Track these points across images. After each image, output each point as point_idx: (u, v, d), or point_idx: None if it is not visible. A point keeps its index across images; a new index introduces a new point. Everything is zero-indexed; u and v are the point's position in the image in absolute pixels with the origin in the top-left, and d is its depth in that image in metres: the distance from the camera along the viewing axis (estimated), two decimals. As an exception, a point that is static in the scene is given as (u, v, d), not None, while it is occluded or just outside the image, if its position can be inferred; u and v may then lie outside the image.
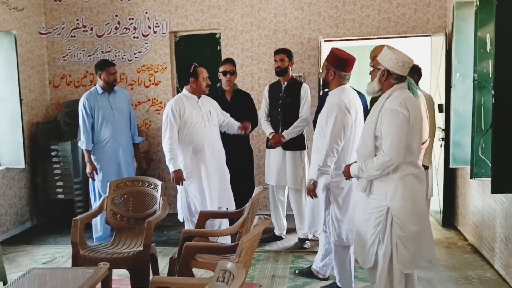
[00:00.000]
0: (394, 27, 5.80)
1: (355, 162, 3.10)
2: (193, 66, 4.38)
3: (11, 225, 5.66)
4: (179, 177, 4.31)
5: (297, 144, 4.90)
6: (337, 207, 3.66)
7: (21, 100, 5.32)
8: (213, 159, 4.37)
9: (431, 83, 5.67)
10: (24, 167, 5.47)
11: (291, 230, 5.19)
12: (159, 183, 4.12)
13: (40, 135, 5.90)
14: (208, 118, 4.38)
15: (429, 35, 5.70)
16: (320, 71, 3.97)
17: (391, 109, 2.81)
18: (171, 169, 4.32)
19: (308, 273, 4.15)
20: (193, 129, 4.32)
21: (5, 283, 3.51)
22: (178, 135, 4.35)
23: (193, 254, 3.14)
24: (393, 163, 2.81)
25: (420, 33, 5.78)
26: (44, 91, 6.34)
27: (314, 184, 3.67)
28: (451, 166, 4.67)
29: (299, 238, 5.01)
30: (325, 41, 5.83)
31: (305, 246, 4.90)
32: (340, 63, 3.57)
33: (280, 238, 5.15)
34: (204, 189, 4.36)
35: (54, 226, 5.79)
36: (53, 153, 5.78)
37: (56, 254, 4.93)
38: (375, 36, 5.84)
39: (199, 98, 4.40)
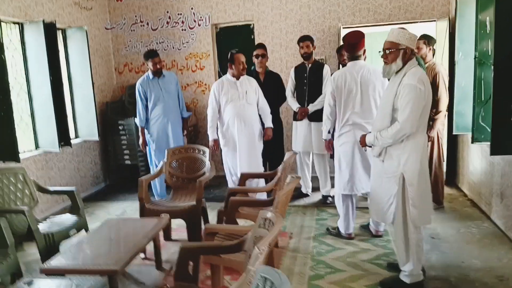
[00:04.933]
0: (404, 14, 5.59)
1: (370, 132, 3.02)
2: (230, 53, 4.37)
3: (89, 185, 5.84)
4: (214, 145, 4.39)
5: (321, 116, 4.83)
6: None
7: (93, 84, 5.42)
8: (245, 131, 4.36)
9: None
10: (97, 139, 5.60)
11: (315, 189, 5.20)
12: (206, 149, 4.18)
13: (109, 112, 6.00)
14: (244, 97, 4.37)
15: (434, 21, 5.48)
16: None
17: (410, 85, 2.68)
18: (209, 137, 4.40)
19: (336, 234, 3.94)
20: (229, 106, 4.34)
21: (86, 230, 3.65)
22: (219, 110, 4.40)
23: (237, 207, 3.19)
24: (406, 132, 2.72)
25: (426, 19, 5.56)
26: (111, 77, 6.42)
27: (325, 141, 3.77)
28: (454, 133, 4.54)
29: (322, 195, 5.02)
30: (343, 28, 5.70)
31: (328, 202, 4.91)
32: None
33: (306, 195, 5.17)
34: (236, 155, 4.38)
35: (123, 186, 5.94)
36: (120, 127, 5.89)
37: (126, 208, 5.07)
38: (387, 23, 5.65)
39: (237, 79, 4.39)
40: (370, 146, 2.99)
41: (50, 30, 4.71)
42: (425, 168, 2.84)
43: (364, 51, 3.63)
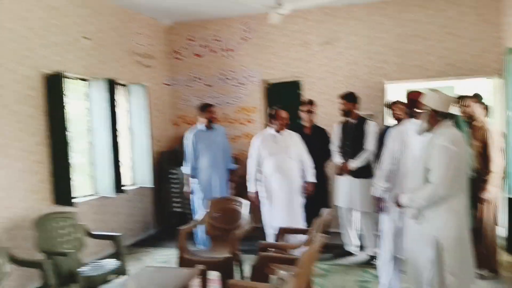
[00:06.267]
0: (454, 70, 5.43)
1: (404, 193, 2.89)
2: (272, 109, 4.48)
3: (140, 231, 6.02)
4: (252, 197, 4.40)
5: (365, 172, 4.71)
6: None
7: (150, 135, 5.76)
8: (284, 185, 4.35)
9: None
10: (151, 186, 5.85)
11: (362, 247, 4.92)
12: (244, 202, 4.19)
13: (164, 161, 6.24)
14: (285, 151, 4.39)
15: (487, 77, 5.26)
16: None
17: (442, 146, 2.59)
18: (249, 189, 4.43)
19: None
20: (270, 159, 4.37)
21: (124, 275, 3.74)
22: (259, 163, 4.45)
23: (266, 262, 3.12)
24: (440, 195, 2.58)
25: (478, 75, 5.35)
26: (168, 128, 6.73)
27: (374, 198, 3.56)
28: (507, 196, 4.19)
29: (368, 255, 4.78)
30: (389, 84, 5.64)
31: (373, 262, 4.65)
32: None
33: (351, 253, 4.94)
34: (274, 209, 4.35)
35: (171, 233, 6.00)
36: (172, 176, 6.11)
37: (170, 256, 5.10)
38: (437, 79, 5.51)
39: (279, 133, 4.44)
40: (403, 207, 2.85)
41: (112, 86, 5.13)
42: (464, 233, 2.64)
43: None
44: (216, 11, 6.07)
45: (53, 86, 4.36)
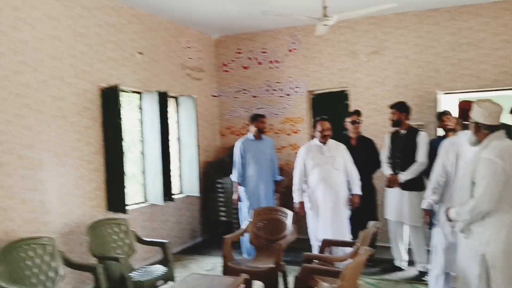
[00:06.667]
0: (511, 79, 5.13)
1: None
2: (316, 119, 4.46)
3: (187, 238, 6.13)
4: (299, 207, 4.35)
5: (415, 185, 4.54)
6: None
7: (198, 145, 5.89)
8: (330, 197, 4.29)
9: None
10: (198, 195, 5.97)
11: (412, 262, 4.74)
12: (290, 212, 4.16)
13: (210, 171, 6.36)
14: (331, 162, 4.34)
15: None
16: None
17: (487, 159, 2.48)
18: (295, 200, 4.40)
19: None
20: (315, 170, 4.33)
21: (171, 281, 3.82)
22: (305, 173, 4.42)
23: (310, 274, 3.08)
24: (483, 209, 2.45)
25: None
26: (215, 138, 6.86)
27: (424, 211, 3.41)
28: None
29: (418, 270, 4.58)
30: (443, 94, 5.43)
31: (424, 278, 4.44)
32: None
33: (400, 269, 4.75)
34: (320, 221, 4.28)
35: (217, 241, 6.05)
36: (218, 185, 6.19)
37: (216, 264, 5.15)
38: (492, 88, 5.23)
39: (325, 144, 4.40)
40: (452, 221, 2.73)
41: (163, 98, 5.32)
42: (512, 249, 2.49)
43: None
44: (263, 24, 6.15)
45: (109, 99, 4.59)
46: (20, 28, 3.79)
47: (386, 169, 4.74)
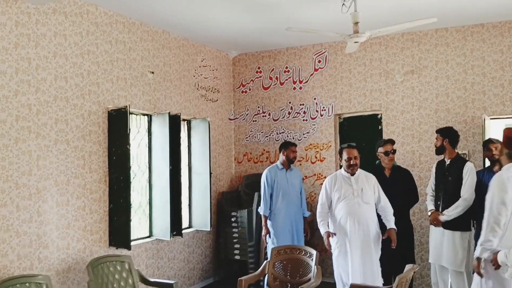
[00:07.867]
0: None
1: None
2: (340, 147, 4.45)
3: (197, 279, 6.07)
4: (329, 237, 4.28)
5: (458, 224, 4.43)
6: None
7: (210, 173, 5.90)
8: (359, 234, 4.21)
9: None
10: (209, 229, 5.94)
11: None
12: (314, 252, 4.11)
13: (224, 202, 6.33)
14: (359, 194, 4.29)
15: None
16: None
17: None
18: (321, 231, 4.35)
19: None
20: (342, 203, 4.29)
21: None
22: (329, 207, 4.39)
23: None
24: None
25: None
26: (230, 166, 6.88)
27: (478, 260, 3.22)
28: None
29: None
30: (490, 118, 5.35)
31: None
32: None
33: (443, 319, 4.61)
34: (348, 261, 4.20)
35: (231, 283, 6.01)
36: (233, 219, 6.15)
37: (229, 308, 5.15)
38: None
39: (352, 175, 4.36)
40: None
41: (175, 121, 5.39)
42: None
43: None
44: (286, 40, 6.24)
45: (117, 121, 4.68)
46: (23, 45, 3.93)
47: (428, 204, 4.72)
